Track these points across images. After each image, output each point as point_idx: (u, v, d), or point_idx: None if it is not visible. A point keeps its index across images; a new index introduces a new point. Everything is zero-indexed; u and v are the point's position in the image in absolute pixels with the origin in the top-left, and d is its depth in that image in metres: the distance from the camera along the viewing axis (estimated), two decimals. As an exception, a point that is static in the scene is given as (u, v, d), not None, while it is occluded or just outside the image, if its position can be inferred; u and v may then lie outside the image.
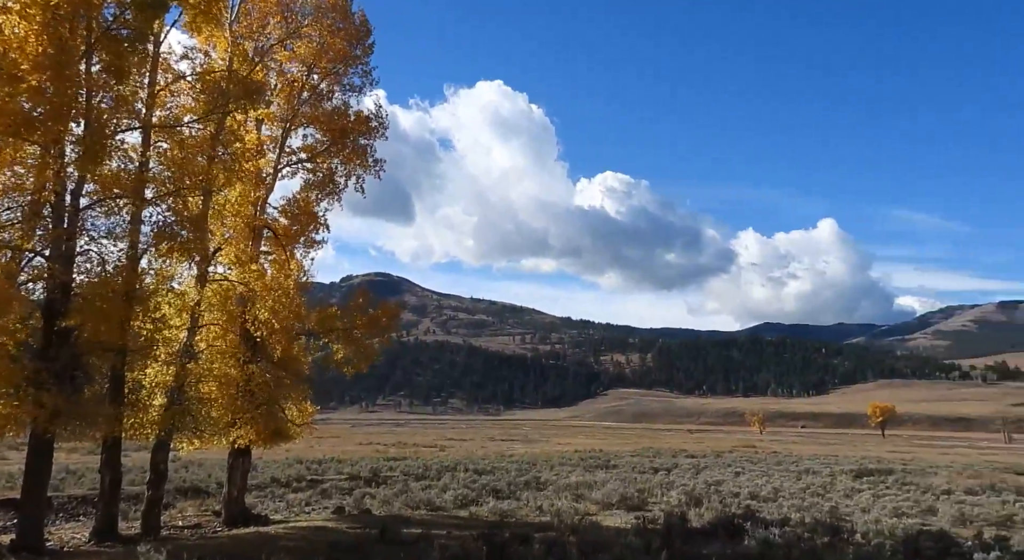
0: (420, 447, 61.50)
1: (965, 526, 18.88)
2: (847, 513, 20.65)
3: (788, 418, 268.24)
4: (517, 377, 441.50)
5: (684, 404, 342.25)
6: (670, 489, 25.01)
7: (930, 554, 13.69)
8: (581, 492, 23.73)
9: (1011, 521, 19.59)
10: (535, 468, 34.79)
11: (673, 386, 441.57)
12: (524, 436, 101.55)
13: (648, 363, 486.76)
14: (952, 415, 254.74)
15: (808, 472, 35.48)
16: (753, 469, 37.57)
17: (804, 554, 12.89)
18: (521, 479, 27.70)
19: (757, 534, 14.55)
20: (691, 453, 54.47)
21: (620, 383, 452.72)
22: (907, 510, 21.42)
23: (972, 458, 56.81)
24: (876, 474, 34.54)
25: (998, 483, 30.13)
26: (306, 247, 18.42)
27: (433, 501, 20.79)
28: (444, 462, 37.17)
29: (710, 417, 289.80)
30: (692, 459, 46.18)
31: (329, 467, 33.58)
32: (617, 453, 52.46)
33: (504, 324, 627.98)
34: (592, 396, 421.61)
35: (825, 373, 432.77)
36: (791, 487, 27.13)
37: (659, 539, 13.38)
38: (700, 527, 16.34)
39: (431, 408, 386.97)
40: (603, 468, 36.48)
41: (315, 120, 18.64)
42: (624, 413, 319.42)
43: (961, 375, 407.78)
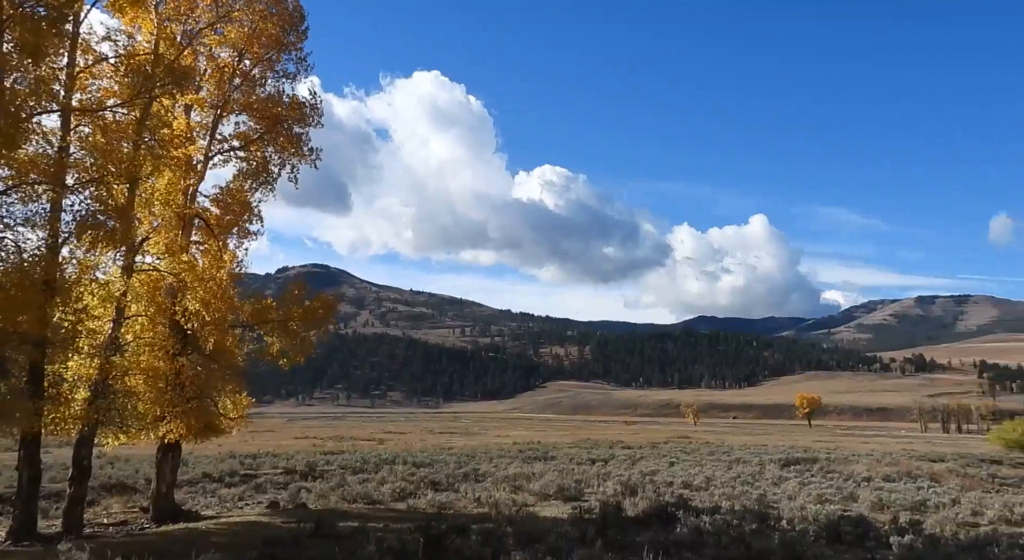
0: (358, 440, 60.86)
1: (883, 511, 19.79)
2: (775, 500, 21.36)
3: (721, 409, 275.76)
4: (457, 370, 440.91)
5: (621, 396, 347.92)
6: (606, 479, 25.40)
7: (849, 538, 14.30)
8: (519, 483, 23.88)
9: (924, 506, 20.61)
10: (474, 460, 34.85)
11: (611, 378, 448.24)
12: (464, 429, 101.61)
13: (586, 356, 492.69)
14: (873, 405, 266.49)
15: (739, 461, 36.55)
16: (687, 459, 38.48)
17: (733, 540, 13.29)
18: (460, 471, 27.71)
19: (689, 522, 14.93)
20: (627, 444, 55.42)
21: (559, 375, 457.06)
22: (830, 497, 22.31)
23: (891, 447, 59.48)
24: (802, 463, 35.85)
25: (914, 470, 31.66)
26: (239, 237, 17.98)
27: (371, 494, 20.61)
28: (382, 455, 36.85)
29: (646, 409, 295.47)
30: (628, 450, 46.99)
31: (264, 461, 32.90)
32: (555, 445, 52.99)
33: (444, 317, 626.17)
34: (531, 388, 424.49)
35: (756, 365, 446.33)
36: (722, 476, 27.89)
37: (594, 528, 13.60)
38: (635, 516, 16.65)
39: (370, 401, 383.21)
40: (541, 460, 36.79)
41: (248, 107, 18.15)
42: (563, 405, 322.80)
43: (882, 367, 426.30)
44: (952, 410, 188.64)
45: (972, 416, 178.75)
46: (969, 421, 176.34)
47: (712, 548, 12.55)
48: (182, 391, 15.46)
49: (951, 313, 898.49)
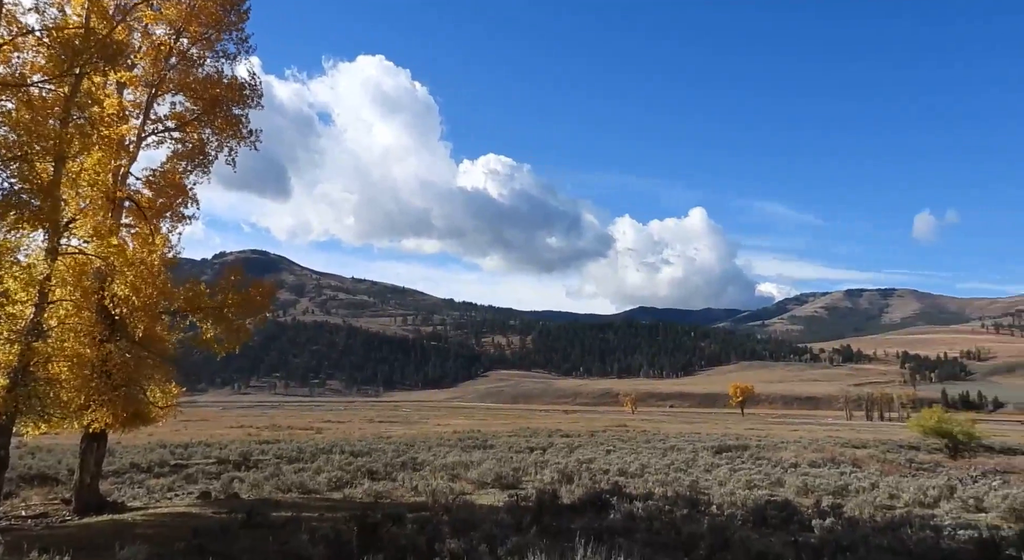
0: (295, 430, 59.96)
1: (807, 496, 20.61)
2: (706, 486, 21.99)
3: (658, 398, 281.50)
4: (398, 358, 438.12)
5: (562, 385, 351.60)
6: (544, 467, 25.68)
7: (775, 522, 14.85)
8: (457, 472, 23.97)
9: (846, 490, 21.55)
10: (413, 449, 34.78)
11: (552, 368, 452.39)
12: (404, 418, 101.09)
13: (528, 345, 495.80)
14: (803, 395, 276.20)
15: (673, 449, 37.43)
16: (623, 447, 39.20)
17: (664, 525, 13.65)
18: (398, 460, 27.62)
19: (622, 508, 15.27)
20: (566, 433, 56.05)
21: (501, 364, 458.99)
22: (759, 482, 23.10)
23: (818, 434, 61.73)
24: (734, 450, 36.97)
25: (838, 456, 33.02)
26: (173, 221, 17.46)
27: (306, 484, 20.38)
28: (320, 444, 36.42)
29: (586, 398, 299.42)
30: (567, 438, 47.56)
31: (196, 451, 32.15)
32: (495, 433, 53.25)
33: (386, 305, 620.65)
34: (473, 377, 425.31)
35: (693, 355, 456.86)
36: (657, 463, 28.53)
37: (530, 516, 13.78)
38: (570, 503, 16.92)
39: (308, 390, 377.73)
40: (480, 448, 36.95)
41: (185, 87, 17.59)
42: (504, 394, 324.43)
43: (812, 357, 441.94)
44: (876, 399, 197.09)
45: (894, 404, 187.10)
46: (891, 409, 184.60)
47: (644, 533, 12.87)
48: (109, 379, 14.96)
49: (877, 306, 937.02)
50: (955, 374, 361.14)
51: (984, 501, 19.03)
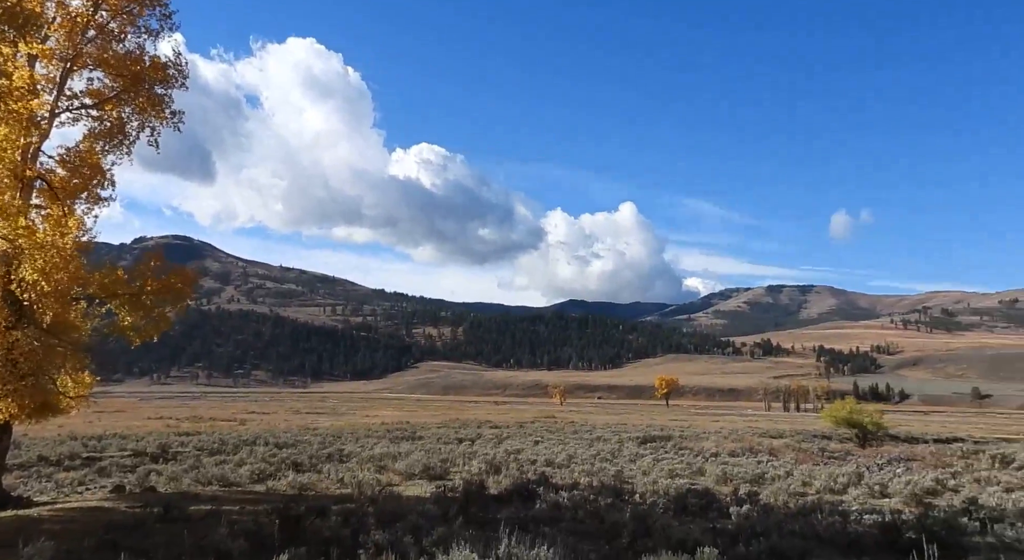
0: (217, 421, 58.32)
1: (726, 484, 21.32)
2: (630, 476, 22.48)
3: (587, 390, 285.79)
4: (326, 349, 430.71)
5: (492, 377, 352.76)
6: (472, 458, 25.75)
7: (695, 509, 15.32)
8: (385, 463, 23.78)
9: (763, 478, 22.39)
10: (340, 440, 34.35)
11: (483, 359, 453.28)
12: (331, 409, 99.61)
13: (459, 336, 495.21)
14: (725, 387, 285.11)
15: (600, 440, 38.13)
16: (551, 438, 39.69)
17: (588, 514, 13.90)
18: (324, 452, 27.22)
19: (548, 498, 15.46)
20: (495, 424, 56.37)
21: (431, 356, 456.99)
22: (681, 471, 23.77)
23: (738, 425, 63.95)
24: (658, 440, 37.95)
25: (756, 446, 34.27)
26: (89, 203, 16.60)
27: (227, 476, 19.85)
28: (243, 436, 35.54)
29: (516, 389, 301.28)
30: (496, 430, 47.84)
31: (110, 443, 30.91)
32: (424, 425, 53.08)
33: (314, 294, 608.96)
34: (403, 368, 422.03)
35: (622, 348, 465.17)
36: (583, 454, 29.01)
37: (456, 506, 13.80)
38: (498, 493, 17.02)
39: (232, 381, 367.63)
40: (409, 439, 36.79)
41: (103, 62, 16.73)
42: (434, 385, 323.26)
43: (734, 351, 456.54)
44: (793, 391, 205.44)
45: (809, 396, 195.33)
46: (807, 401, 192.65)
47: (569, 522, 13.07)
48: (15, 368, 14.19)
49: (796, 301, 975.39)
50: (866, 367, 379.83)
51: (888, 487, 20.10)
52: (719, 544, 10.11)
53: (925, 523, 12.08)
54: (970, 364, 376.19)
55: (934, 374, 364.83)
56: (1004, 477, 23.56)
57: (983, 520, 13.27)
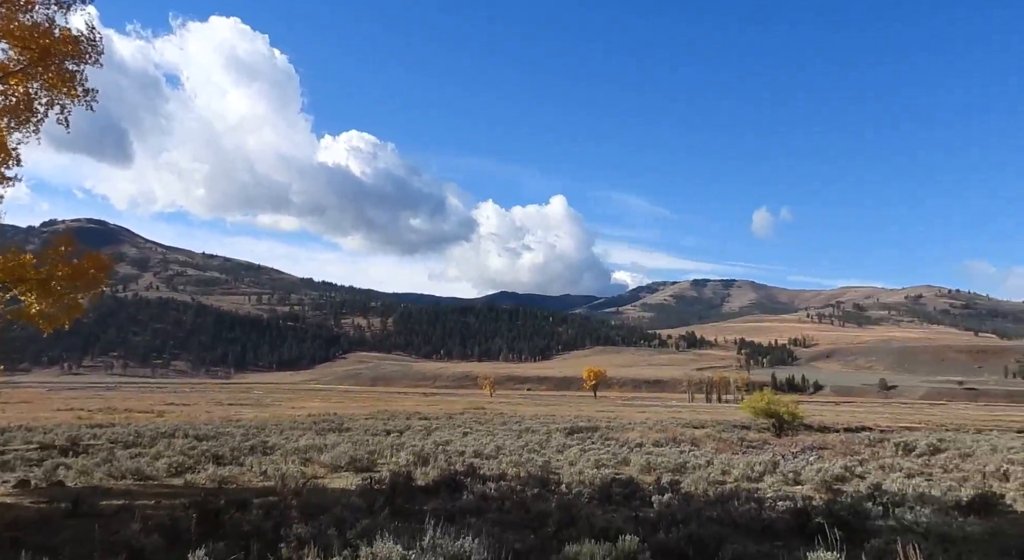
0: (134, 413, 56.11)
1: (650, 473, 21.84)
2: (557, 466, 22.76)
3: (517, 381, 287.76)
4: (251, 339, 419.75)
5: (422, 368, 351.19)
6: (400, 450, 25.58)
7: (619, 498, 15.64)
8: (310, 455, 23.38)
9: (684, 467, 23.03)
10: (264, 432, 33.57)
11: (412, 350, 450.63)
12: (256, 400, 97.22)
13: (389, 327, 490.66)
14: (651, 378, 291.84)
15: (528, 431, 38.47)
16: (480, 429, 39.81)
17: (515, 505, 14.01)
18: (247, 444, 26.53)
19: (476, 489, 15.51)
20: (424, 415, 56.17)
21: (360, 346, 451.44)
22: (606, 462, 24.21)
23: (663, 415, 65.61)
24: (585, 431, 38.55)
25: (679, 436, 35.24)
26: (-9, 182, 15.68)
27: (143, 470, 19.12)
28: (161, 428, 34.30)
29: (446, 381, 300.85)
30: (425, 421, 47.66)
31: (15, 436, 29.30)
32: (352, 416, 52.42)
33: (239, 283, 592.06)
34: (331, 359, 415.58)
35: (551, 340, 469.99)
36: (512, 445, 29.20)
37: (383, 498, 13.70)
38: (425, 485, 16.98)
39: (150, 371, 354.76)
40: (336, 431, 36.27)
41: (8, 34, 15.73)
42: (362, 376, 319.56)
43: (660, 343, 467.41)
44: (715, 382, 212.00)
45: (730, 387, 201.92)
46: (728, 392, 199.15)
47: (495, 513, 13.14)
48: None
49: (719, 295, 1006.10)
50: (783, 359, 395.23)
51: (801, 475, 20.98)
52: (640, 532, 10.35)
53: (832, 508, 12.69)
54: (878, 357, 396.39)
55: (845, 366, 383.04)
56: (906, 464, 24.93)
57: (885, 504, 14.01)
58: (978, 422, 64.95)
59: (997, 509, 15.03)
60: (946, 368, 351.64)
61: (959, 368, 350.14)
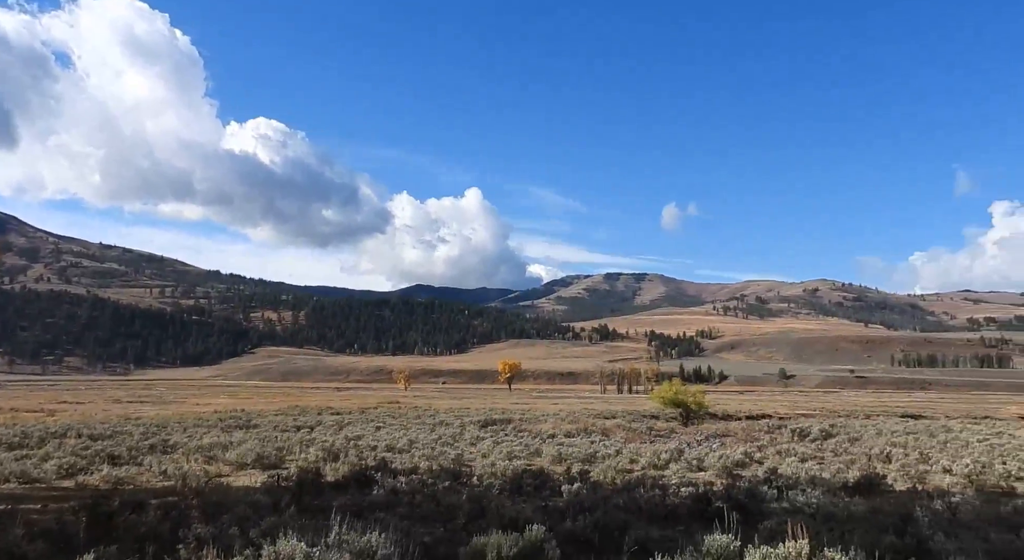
0: (20, 412, 52.60)
1: (561, 464, 22.22)
2: (470, 459, 22.84)
3: (432, 375, 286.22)
4: (153, 333, 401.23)
5: (334, 362, 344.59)
6: (310, 446, 25.07)
7: (529, 489, 15.86)
8: (214, 453, 22.58)
9: (594, 457, 23.55)
10: (165, 431, 32.17)
11: (325, 344, 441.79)
12: (158, 397, 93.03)
13: (301, 321, 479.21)
14: (564, 370, 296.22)
15: (442, 424, 38.39)
16: (394, 423, 39.45)
17: (426, 498, 13.98)
18: (146, 443, 25.36)
19: (387, 483, 15.38)
20: (337, 410, 55.16)
21: (270, 341, 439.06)
22: (519, 453, 24.45)
23: (575, 407, 66.68)
24: (499, 423, 38.79)
25: (590, 427, 35.96)
26: None
27: (29, 472, 17.99)
28: (51, 428, 32.31)
29: (360, 375, 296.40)
30: (337, 416, 46.85)
31: None
32: (261, 412, 50.94)
33: (140, 275, 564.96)
34: (239, 354, 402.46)
35: (467, 333, 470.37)
36: (425, 439, 29.09)
37: (289, 495, 13.40)
38: (335, 480, 16.71)
39: (40, 367, 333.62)
40: (243, 428, 35.16)
41: None
42: (273, 372, 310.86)
43: (574, 336, 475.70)
44: (626, 374, 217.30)
45: (641, 379, 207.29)
46: (639, 383, 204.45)
47: (406, 507, 13.09)
48: None
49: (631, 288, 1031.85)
50: (691, 351, 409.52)
51: (704, 461, 21.82)
52: (548, 521, 10.53)
53: (731, 493, 13.27)
54: (778, 347, 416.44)
55: (748, 356, 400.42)
56: (801, 449, 26.31)
57: (780, 488, 14.77)
58: (867, 408, 69.11)
59: (879, 489, 16.09)
60: (839, 357, 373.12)
61: (851, 357, 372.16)
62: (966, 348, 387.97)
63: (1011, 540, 9.06)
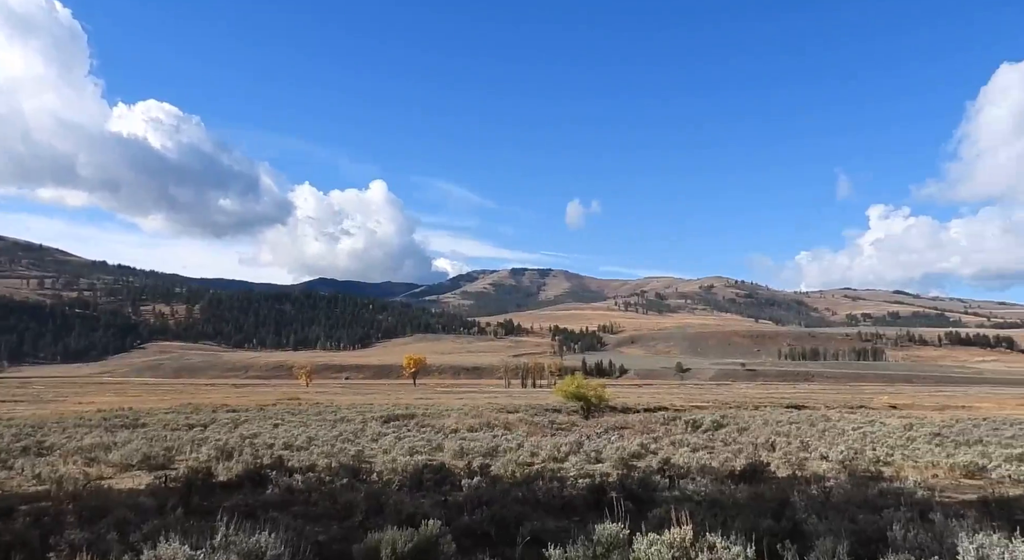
0: None
1: (462, 458, 22.25)
2: (371, 455, 22.53)
3: (335, 370, 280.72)
4: (30, 327, 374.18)
5: (232, 358, 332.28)
6: (203, 444, 24.11)
7: (430, 484, 15.81)
8: (96, 455, 21.33)
9: (496, 451, 23.72)
10: (41, 431, 30.12)
11: (222, 339, 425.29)
12: (35, 396, 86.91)
13: (196, 315, 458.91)
14: (470, 365, 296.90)
15: (343, 420, 37.73)
16: (293, 420, 38.45)
17: (323, 496, 13.71)
18: (18, 445, 23.67)
19: (282, 482, 14.98)
20: (233, 408, 53.23)
21: (162, 336, 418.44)
22: (421, 448, 24.34)
23: (479, 401, 67.02)
24: (402, 419, 38.49)
25: (493, 421, 36.23)
26: None
27: None
28: (-94, 432, 29.66)
29: (259, 371, 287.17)
30: (233, 414, 45.23)
31: None
32: (151, 411, 48.50)
33: (15, 264, 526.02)
34: (128, 350, 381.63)
35: (371, 327, 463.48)
36: (325, 435, 28.49)
37: (177, 496, 12.84)
38: (227, 480, 16.13)
39: None
40: (129, 427, 33.37)
41: None
42: (164, 368, 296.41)
43: (479, 330, 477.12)
44: (530, 368, 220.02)
45: (544, 373, 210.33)
46: (542, 377, 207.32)
47: (301, 505, 12.80)
48: None
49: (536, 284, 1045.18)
50: (593, 345, 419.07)
51: (602, 453, 22.38)
52: (446, 515, 10.56)
53: (625, 483, 13.70)
54: (675, 342, 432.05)
55: (647, 351, 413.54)
56: (693, 439, 27.44)
57: (672, 477, 15.36)
58: (756, 400, 72.78)
59: (763, 476, 16.98)
60: (732, 351, 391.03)
61: (742, 351, 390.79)
62: (845, 342, 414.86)
63: (875, 520, 9.77)
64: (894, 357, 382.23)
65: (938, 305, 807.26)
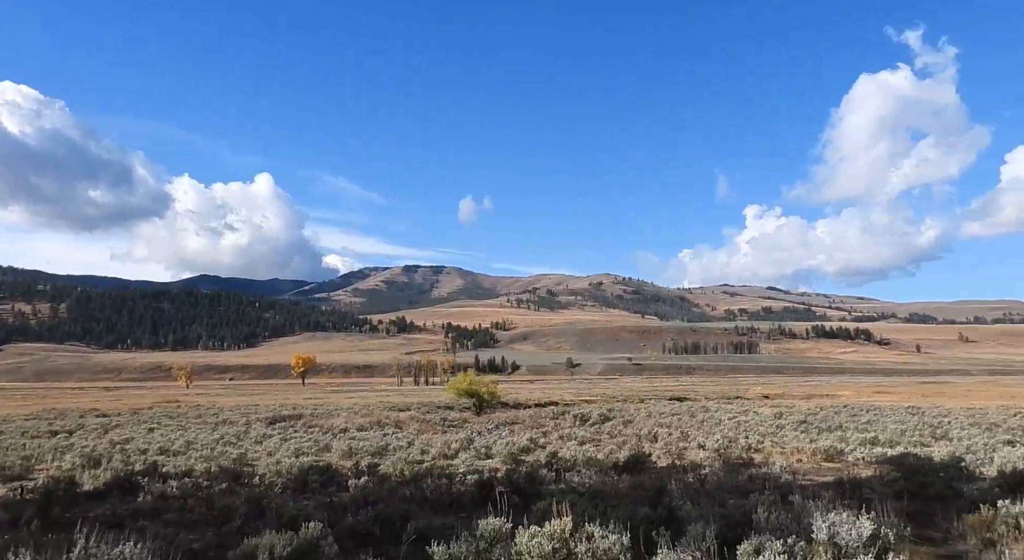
0: None
1: (351, 458, 21.86)
2: (255, 458, 21.76)
3: (218, 371, 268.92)
4: None
5: (103, 359, 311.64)
6: (67, 452, 22.50)
7: (315, 486, 15.44)
8: (-61, 469, 19.48)
9: (386, 450, 23.47)
10: None
11: (92, 340, 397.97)
12: None
13: (62, 314, 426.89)
14: (361, 363, 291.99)
15: (226, 422, 36.18)
16: (170, 424, 36.52)
17: (199, 502, 13.10)
18: None
19: (154, 489, 14.22)
20: (104, 412, 49.90)
21: (22, 336, 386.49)
22: (307, 449, 23.73)
23: (371, 400, 65.92)
24: (288, 420, 37.31)
25: (383, 419, 35.77)
26: None
27: None
28: None
29: (133, 373, 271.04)
30: (103, 418, 42.41)
31: None
32: (8, 417, 44.71)
33: None
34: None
35: (257, 326, 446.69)
36: (205, 439, 27.25)
37: (34, 508, 11.94)
38: (93, 489, 15.15)
39: None
40: (-19, 436, 30.66)
41: None
42: (25, 371, 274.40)
43: (371, 328, 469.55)
44: (423, 365, 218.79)
45: (437, 370, 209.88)
46: (435, 374, 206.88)
47: (176, 513, 12.20)
48: None
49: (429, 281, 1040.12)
50: (486, 342, 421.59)
51: (492, 449, 22.59)
52: (329, 517, 10.36)
53: (512, 477, 13.89)
54: (566, 338, 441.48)
55: (539, 347, 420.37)
56: (581, 432, 28.14)
57: (559, 470, 15.71)
58: (641, 393, 75.41)
59: (645, 466, 17.65)
60: (620, 346, 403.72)
61: (629, 346, 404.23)
62: (723, 336, 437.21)
63: (743, 504, 10.38)
64: (767, 350, 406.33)
65: (806, 300, 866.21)
